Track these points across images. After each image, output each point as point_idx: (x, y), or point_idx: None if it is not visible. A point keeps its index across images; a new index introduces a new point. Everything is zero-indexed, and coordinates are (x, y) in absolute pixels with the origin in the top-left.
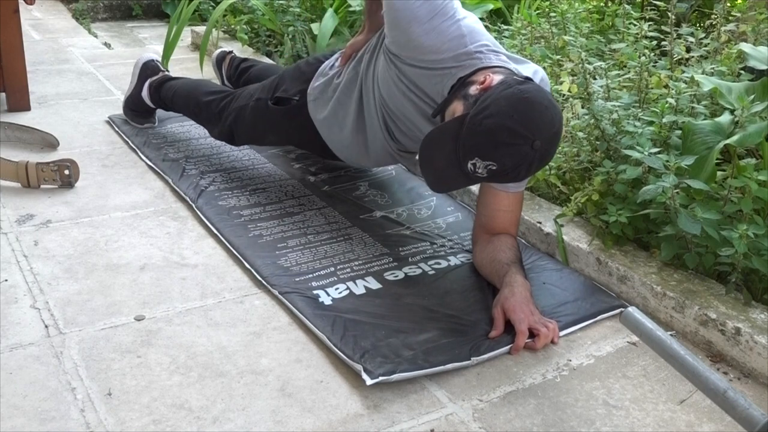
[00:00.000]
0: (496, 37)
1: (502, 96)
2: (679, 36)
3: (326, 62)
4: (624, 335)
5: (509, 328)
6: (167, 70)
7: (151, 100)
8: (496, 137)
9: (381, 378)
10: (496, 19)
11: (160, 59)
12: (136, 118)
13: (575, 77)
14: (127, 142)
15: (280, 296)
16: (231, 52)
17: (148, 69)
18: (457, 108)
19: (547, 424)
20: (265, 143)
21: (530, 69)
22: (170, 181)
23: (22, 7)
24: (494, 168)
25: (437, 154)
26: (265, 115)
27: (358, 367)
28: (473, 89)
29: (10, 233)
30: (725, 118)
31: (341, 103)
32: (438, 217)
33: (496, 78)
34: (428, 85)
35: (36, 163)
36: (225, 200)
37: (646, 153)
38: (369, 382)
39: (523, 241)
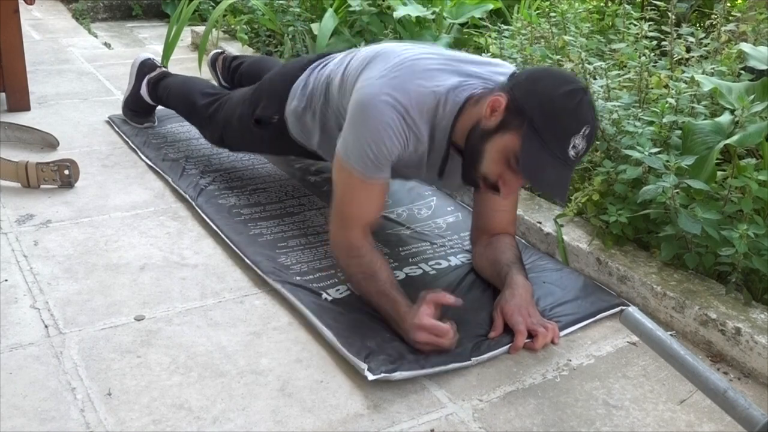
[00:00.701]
0: (495, 38)
1: (531, 88)
2: (679, 36)
3: (299, 81)
4: (624, 335)
5: (509, 329)
6: (165, 67)
7: (150, 96)
8: (568, 106)
9: (383, 375)
10: (496, 19)
11: (157, 59)
12: (135, 118)
13: None
14: (127, 142)
15: (283, 290)
16: (223, 52)
17: (145, 67)
18: (507, 141)
19: (547, 424)
20: (260, 153)
21: (506, 69)
22: (170, 180)
23: (22, 7)
24: (589, 129)
25: (546, 173)
26: (251, 133)
27: (362, 365)
28: (488, 123)
29: (10, 233)
30: (725, 118)
31: (326, 135)
32: (438, 217)
33: (495, 92)
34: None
35: (36, 163)
36: (225, 199)
37: (646, 153)
38: (371, 377)
39: (523, 241)
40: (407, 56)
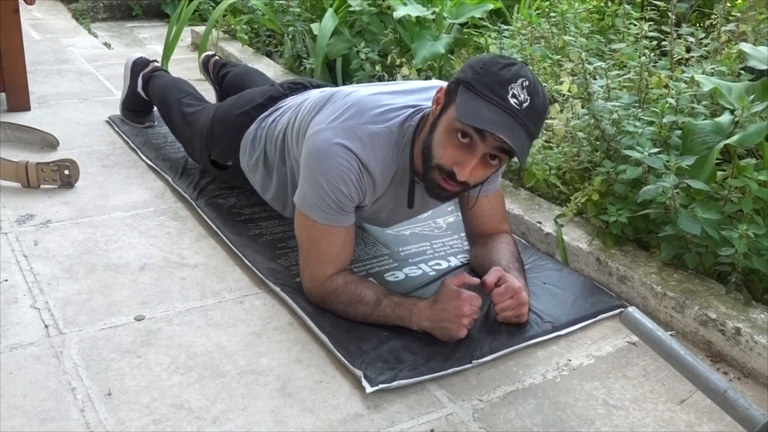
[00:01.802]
0: (495, 38)
1: (465, 65)
2: (679, 36)
3: (248, 133)
4: (624, 335)
5: (507, 328)
6: (157, 62)
7: (144, 91)
8: (500, 62)
9: (381, 386)
10: (496, 19)
11: (148, 57)
12: (135, 118)
13: (575, 77)
14: (127, 142)
15: (282, 293)
16: (214, 55)
17: (138, 65)
18: (449, 115)
19: (547, 424)
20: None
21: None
22: (170, 179)
23: (22, 7)
24: (528, 83)
25: (483, 113)
26: (215, 171)
27: (359, 373)
28: (435, 115)
29: (10, 233)
30: (725, 118)
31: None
32: (438, 217)
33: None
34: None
35: (36, 163)
36: (225, 198)
37: (646, 153)
38: (369, 390)
39: (523, 241)
40: (355, 97)
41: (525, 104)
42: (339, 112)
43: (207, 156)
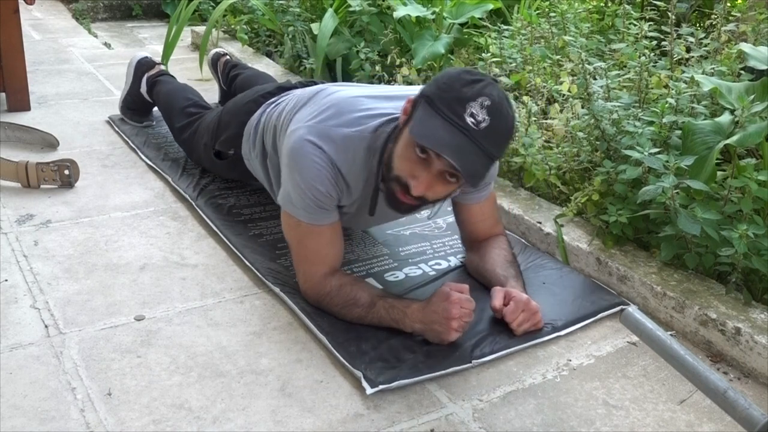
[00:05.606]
0: (495, 38)
1: (433, 78)
2: (679, 36)
3: (252, 118)
4: (624, 335)
5: (508, 331)
6: (163, 64)
7: (149, 95)
8: (463, 78)
9: (381, 387)
10: (496, 19)
11: (154, 58)
12: (134, 116)
13: (575, 77)
14: (127, 142)
15: (281, 293)
16: (225, 54)
17: (143, 66)
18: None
19: (547, 424)
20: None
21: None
22: (170, 179)
23: (22, 7)
24: (489, 102)
25: (438, 133)
26: (216, 163)
27: (359, 374)
28: (400, 120)
29: (10, 233)
30: (725, 118)
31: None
32: (438, 217)
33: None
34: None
35: (36, 163)
36: (225, 199)
37: (646, 153)
38: (369, 391)
39: (523, 241)
40: (335, 97)
41: (483, 124)
42: (317, 111)
43: (211, 148)
